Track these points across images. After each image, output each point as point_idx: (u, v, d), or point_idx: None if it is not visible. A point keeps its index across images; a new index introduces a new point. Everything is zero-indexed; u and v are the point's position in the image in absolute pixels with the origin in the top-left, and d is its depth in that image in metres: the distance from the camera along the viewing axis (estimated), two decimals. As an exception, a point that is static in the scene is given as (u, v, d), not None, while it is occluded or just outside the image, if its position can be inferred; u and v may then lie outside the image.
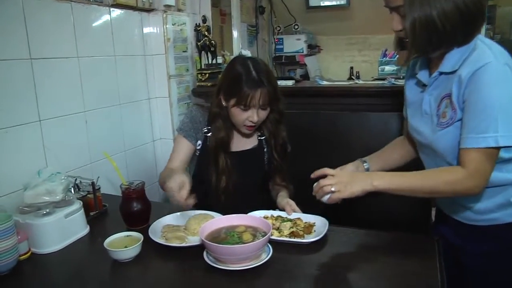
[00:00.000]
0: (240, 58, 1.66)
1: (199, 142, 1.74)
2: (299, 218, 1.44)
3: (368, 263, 1.21)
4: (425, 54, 1.24)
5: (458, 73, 1.16)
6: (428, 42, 1.16)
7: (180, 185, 1.39)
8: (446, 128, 1.21)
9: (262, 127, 1.73)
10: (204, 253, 1.20)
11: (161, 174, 1.69)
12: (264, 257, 1.18)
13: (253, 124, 1.63)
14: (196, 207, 1.59)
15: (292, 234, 1.33)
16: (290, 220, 1.43)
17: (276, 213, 1.50)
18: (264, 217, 1.43)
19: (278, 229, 1.37)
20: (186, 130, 1.73)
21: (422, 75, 1.32)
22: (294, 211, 1.52)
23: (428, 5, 1.11)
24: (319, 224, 1.40)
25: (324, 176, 1.27)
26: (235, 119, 1.63)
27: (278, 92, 1.64)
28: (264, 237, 1.16)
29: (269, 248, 1.22)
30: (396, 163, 1.53)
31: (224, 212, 1.46)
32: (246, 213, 1.49)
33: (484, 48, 1.15)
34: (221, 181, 1.67)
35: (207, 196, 1.69)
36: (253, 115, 1.59)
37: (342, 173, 1.25)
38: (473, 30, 1.17)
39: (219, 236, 1.25)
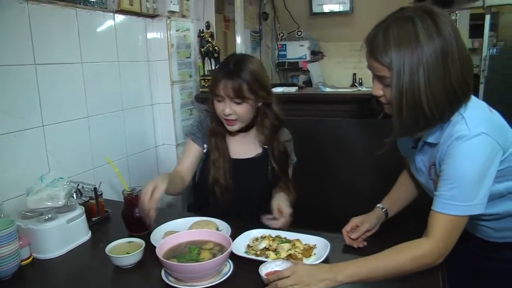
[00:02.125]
0: (233, 53, 1.70)
1: (205, 145, 1.73)
2: (298, 240, 1.35)
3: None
4: (410, 134, 1.22)
5: (439, 146, 1.16)
6: (415, 124, 1.13)
7: (153, 189, 1.34)
8: None
9: (259, 133, 1.71)
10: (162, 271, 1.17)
11: None
12: (218, 278, 1.13)
13: (230, 118, 1.61)
14: (200, 213, 1.59)
15: (289, 257, 1.25)
16: (289, 241, 1.34)
17: (275, 232, 1.41)
18: (262, 237, 1.38)
19: (275, 250, 1.29)
20: (194, 133, 1.74)
21: (410, 141, 1.32)
22: (281, 212, 1.48)
23: (418, 91, 1.07)
24: (320, 246, 1.31)
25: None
26: (216, 112, 1.64)
27: (256, 88, 1.59)
28: (220, 256, 1.11)
29: (230, 264, 1.19)
30: (407, 201, 1.52)
31: (226, 218, 1.47)
32: (250, 221, 1.48)
33: (457, 120, 1.13)
34: (216, 162, 1.67)
35: (208, 199, 1.69)
36: (225, 107, 1.59)
37: (300, 271, 1.09)
38: (458, 110, 1.14)
39: (179, 250, 1.21)
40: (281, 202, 1.52)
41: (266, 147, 1.73)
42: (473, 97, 1.16)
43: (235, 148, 1.73)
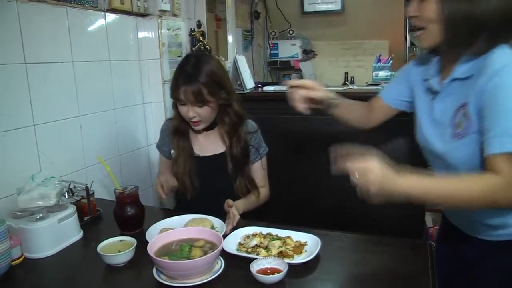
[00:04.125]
0: (190, 53, 1.71)
1: (172, 151, 1.79)
2: (289, 237, 1.35)
3: (361, 267, 1.22)
4: (457, 46, 1.12)
5: (477, 81, 1.07)
6: (466, 34, 1.06)
7: (165, 181, 1.61)
8: (461, 139, 1.12)
9: (221, 129, 1.73)
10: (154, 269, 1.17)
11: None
12: (210, 276, 1.13)
13: (194, 120, 1.64)
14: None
15: (280, 254, 1.25)
16: (280, 238, 1.34)
17: (266, 230, 1.41)
18: (253, 234, 1.38)
19: (266, 248, 1.29)
20: (160, 146, 1.86)
21: (434, 82, 1.23)
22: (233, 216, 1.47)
23: None
24: (311, 243, 1.31)
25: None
26: (181, 114, 1.68)
27: (216, 90, 1.61)
28: (211, 254, 1.11)
29: (221, 262, 1.19)
30: (356, 116, 1.58)
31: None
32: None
33: (499, 51, 1.06)
34: (178, 160, 1.73)
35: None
36: (188, 111, 1.62)
37: (372, 171, 1.02)
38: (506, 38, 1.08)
39: (170, 248, 1.21)
40: (233, 210, 1.49)
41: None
42: None
43: (200, 145, 1.76)
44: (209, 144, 1.76)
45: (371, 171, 1.01)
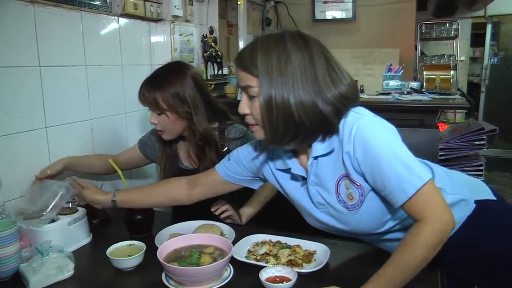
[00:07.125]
0: (173, 61, 1.83)
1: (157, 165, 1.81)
2: (298, 245, 1.35)
3: (369, 277, 1.21)
4: (281, 143, 1.11)
5: (343, 151, 1.07)
6: (285, 130, 1.05)
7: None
8: (361, 207, 1.12)
9: (188, 147, 1.71)
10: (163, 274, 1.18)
11: None
12: (219, 283, 1.13)
13: (158, 129, 1.64)
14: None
15: (289, 263, 1.24)
16: (289, 247, 1.34)
17: (275, 238, 1.40)
18: (262, 242, 1.38)
19: (275, 256, 1.29)
20: (144, 148, 1.84)
21: (297, 169, 1.20)
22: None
23: (287, 90, 1.01)
24: (320, 252, 1.31)
25: None
26: None
27: (173, 103, 1.57)
28: (220, 261, 1.12)
29: (230, 269, 1.19)
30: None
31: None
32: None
33: (349, 114, 1.08)
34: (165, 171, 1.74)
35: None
36: (151, 117, 1.62)
37: None
38: (337, 127, 1.08)
39: (180, 254, 1.21)
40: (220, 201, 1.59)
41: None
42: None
43: (185, 156, 1.75)
44: (191, 157, 1.73)
45: None
